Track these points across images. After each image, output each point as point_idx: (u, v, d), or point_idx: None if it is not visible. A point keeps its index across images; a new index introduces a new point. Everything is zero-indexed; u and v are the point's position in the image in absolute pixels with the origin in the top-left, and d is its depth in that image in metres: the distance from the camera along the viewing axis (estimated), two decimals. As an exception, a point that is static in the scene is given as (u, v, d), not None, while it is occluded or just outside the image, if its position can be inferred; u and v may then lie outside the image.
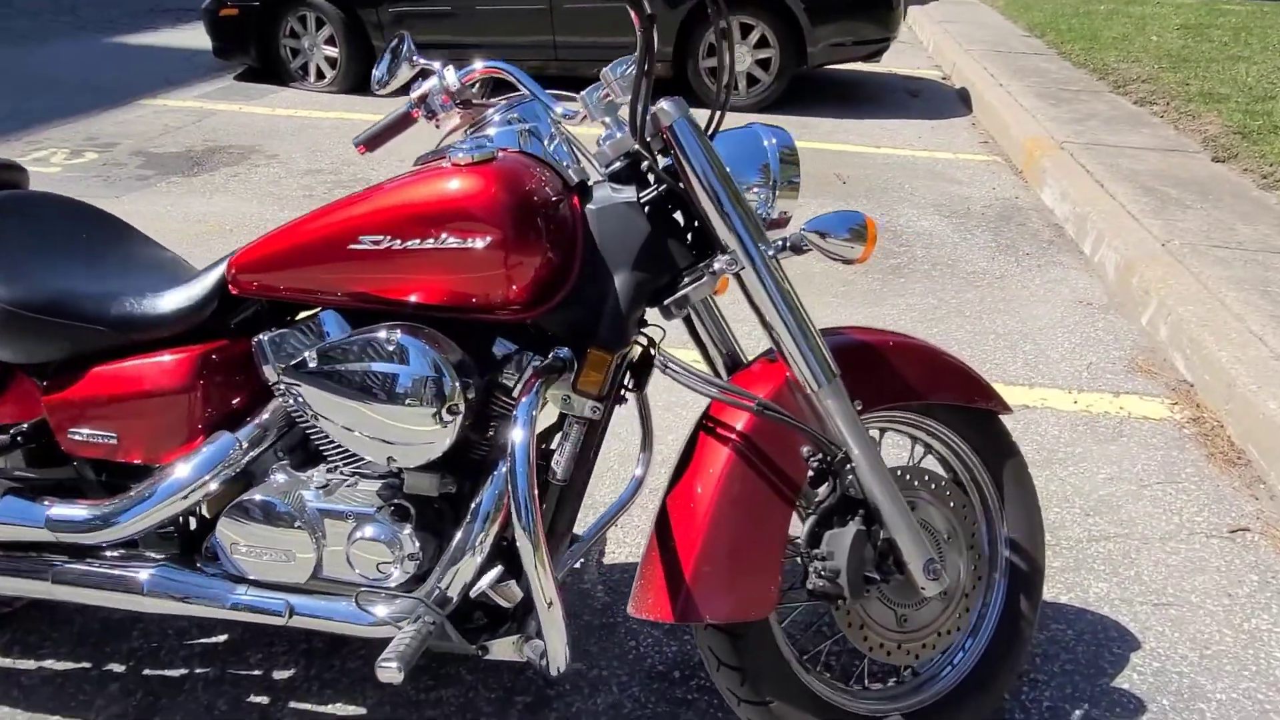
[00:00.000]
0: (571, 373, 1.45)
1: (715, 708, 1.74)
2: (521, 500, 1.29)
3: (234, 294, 1.52)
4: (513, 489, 1.30)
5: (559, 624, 1.35)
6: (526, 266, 1.38)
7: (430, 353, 1.38)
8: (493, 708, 1.73)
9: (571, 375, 1.45)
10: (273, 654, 1.84)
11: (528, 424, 1.32)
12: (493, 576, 1.42)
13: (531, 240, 1.37)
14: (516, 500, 1.30)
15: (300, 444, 1.61)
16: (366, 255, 1.40)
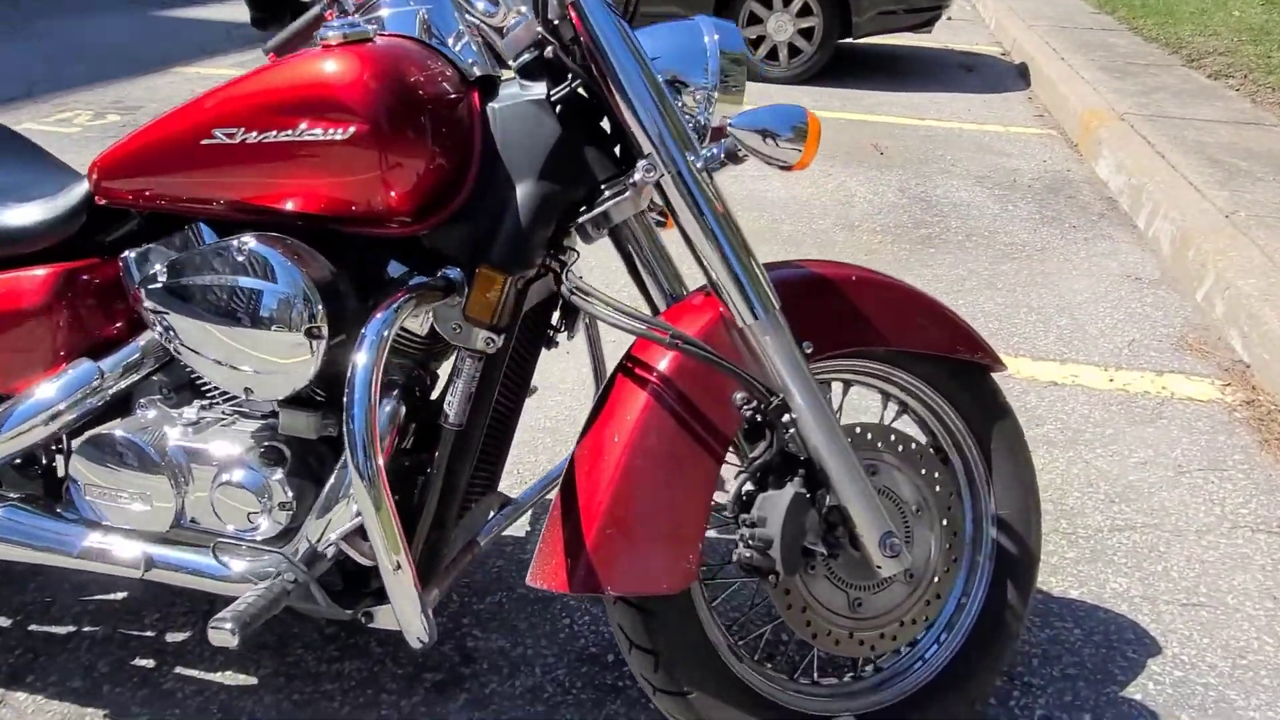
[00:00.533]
0: (462, 298, 1.24)
1: (647, 698, 1.51)
2: (357, 436, 1.09)
3: (100, 205, 1.34)
4: (347, 421, 1.09)
5: (409, 590, 1.14)
6: (406, 168, 1.17)
7: (288, 266, 1.19)
8: (397, 685, 1.53)
9: (462, 301, 1.24)
10: (170, 615, 1.67)
11: (374, 345, 1.11)
12: (346, 527, 1.21)
13: (410, 136, 1.16)
14: (351, 435, 1.09)
15: (188, 383, 1.44)
16: (221, 152, 1.20)
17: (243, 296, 1.19)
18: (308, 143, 1.16)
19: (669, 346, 1.20)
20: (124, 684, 1.52)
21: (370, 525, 1.11)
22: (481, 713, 1.48)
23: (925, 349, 1.37)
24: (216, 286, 1.20)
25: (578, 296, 1.24)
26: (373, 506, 1.10)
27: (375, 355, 1.10)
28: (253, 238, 1.20)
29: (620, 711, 1.49)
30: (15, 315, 1.36)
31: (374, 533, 1.11)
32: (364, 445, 1.09)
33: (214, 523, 1.33)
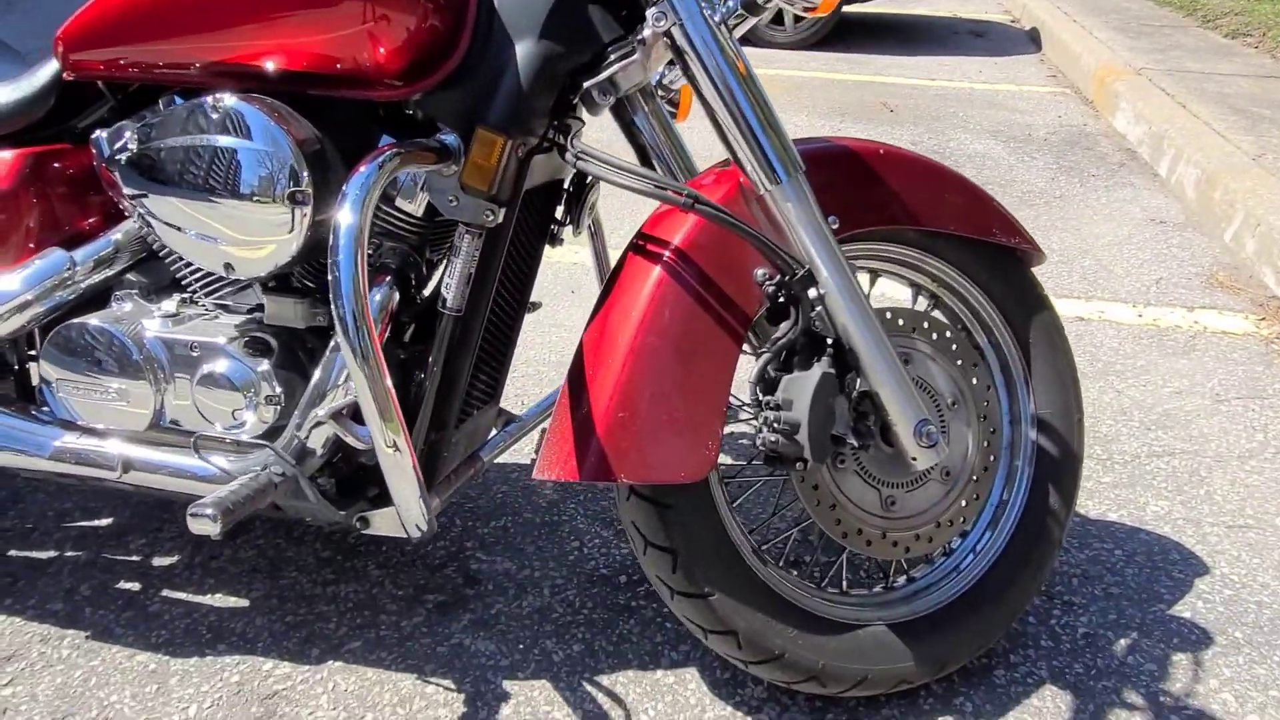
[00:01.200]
0: (459, 166, 1.14)
1: (663, 618, 1.42)
2: (345, 304, 0.99)
3: (68, 80, 1.24)
4: (334, 289, 0.99)
5: (407, 473, 1.04)
6: (395, 22, 1.08)
7: (269, 125, 1.09)
8: (397, 606, 1.44)
9: (459, 169, 1.14)
10: (158, 539, 1.58)
11: (358, 202, 1.00)
12: (338, 404, 1.12)
13: None
14: (339, 304, 0.99)
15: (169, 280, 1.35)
16: (200, 8, 1.11)
17: (220, 159, 1.10)
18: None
19: (685, 209, 1.10)
20: (107, 606, 1.43)
21: (364, 401, 1.02)
22: (486, 632, 1.39)
23: (960, 231, 1.27)
24: (191, 149, 1.11)
25: (584, 159, 1.15)
26: (365, 381, 1.00)
27: (360, 214, 1.00)
28: (230, 95, 1.11)
29: (634, 630, 1.40)
30: (-19, 202, 1.27)
31: (368, 410, 1.02)
32: (354, 315, 0.99)
33: (196, 421, 1.24)
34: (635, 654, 1.36)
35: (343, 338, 1.00)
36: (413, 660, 1.34)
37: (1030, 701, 1.29)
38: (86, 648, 1.35)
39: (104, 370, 1.23)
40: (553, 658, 1.35)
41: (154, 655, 1.34)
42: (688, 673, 1.33)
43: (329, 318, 1.22)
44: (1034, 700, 1.29)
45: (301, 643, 1.37)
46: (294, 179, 1.09)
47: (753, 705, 1.28)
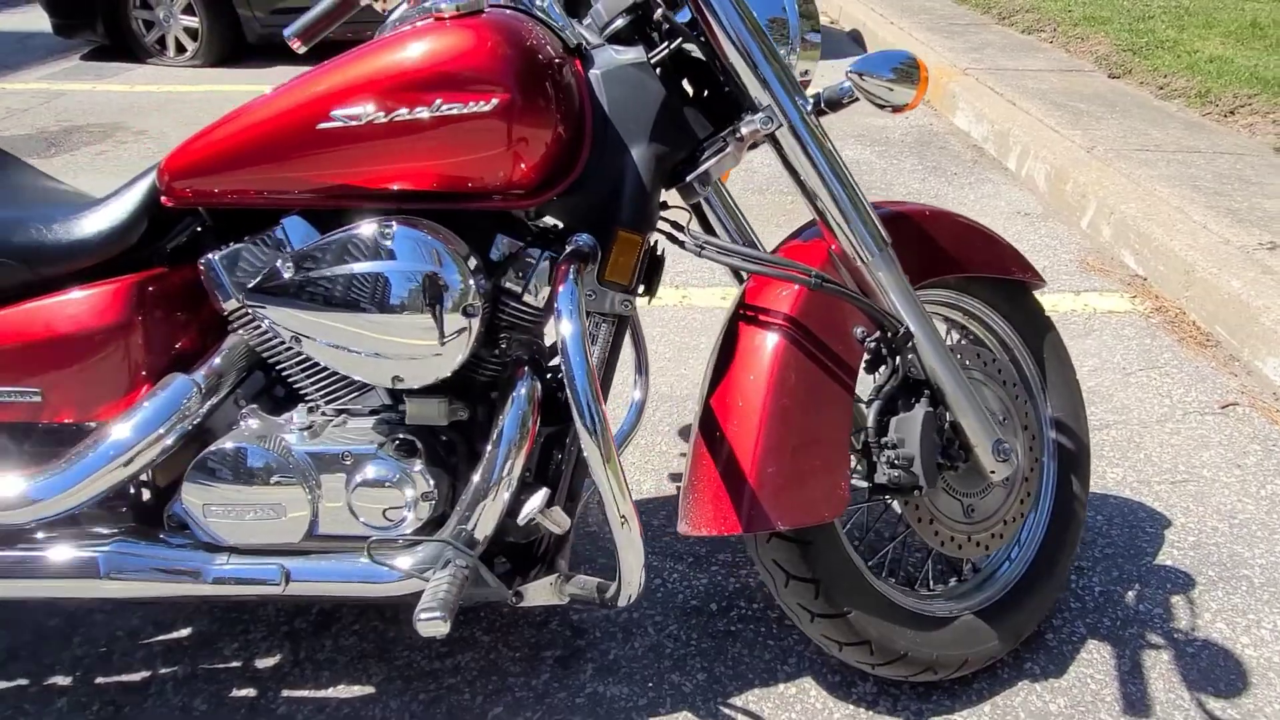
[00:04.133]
0: (594, 264, 1.25)
1: (763, 635, 1.59)
2: (584, 401, 1.10)
3: (168, 207, 1.26)
4: (571, 389, 1.10)
5: (636, 543, 1.16)
6: (536, 138, 1.18)
7: (436, 244, 1.17)
8: (520, 668, 1.53)
9: (594, 268, 1.25)
10: (250, 642, 1.58)
11: (575, 313, 1.12)
12: (540, 500, 1.21)
13: (541, 105, 1.17)
14: (578, 402, 1.10)
15: (264, 389, 1.37)
16: (340, 136, 1.16)
17: (391, 280, 1.16)
18: (446, 118, 1.14)
19: (813, 288, 1.26)
20: (231, 718, 1.44)
21: (600, 481, 1.11)
22: (613, 677, 1.51)
23: (988, 273, 1.50)
24: (361, 274, 1.17)
25: (708, 248, 1.29)
26: (602, 460, 1.10)
27: (578, 321, 1.11)
28: (392, 220, 1.17)
29: (743, 652, 1.56)
30: (94, 335, 1.25)
31: (605, 488, 1.12)
32: (591, 409, 1.09)
33: (350, 525, 1.29)
34: (753, 673, 1.52)
35: (586, 437, 1.10)
36: (559, 714, 1.44)
37: (1080, 656, 1.55)
38: (234, 761, 1.37)
39: (255, 489, 1.25)
40: (683, 690, 1.49)
41: (307, 756, 1.38)
42: (804, 681, 1.50)
43: (468, 412, 1.30)
44: (1082, 654, 1.56)
45: (446, 717, 1.44)
46: (466, 292, 1.17)
47: (869, 700, 1.47)
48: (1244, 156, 3.64)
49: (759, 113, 1.25)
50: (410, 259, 1.16)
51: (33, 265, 1.26)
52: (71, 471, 1.23)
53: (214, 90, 5.37)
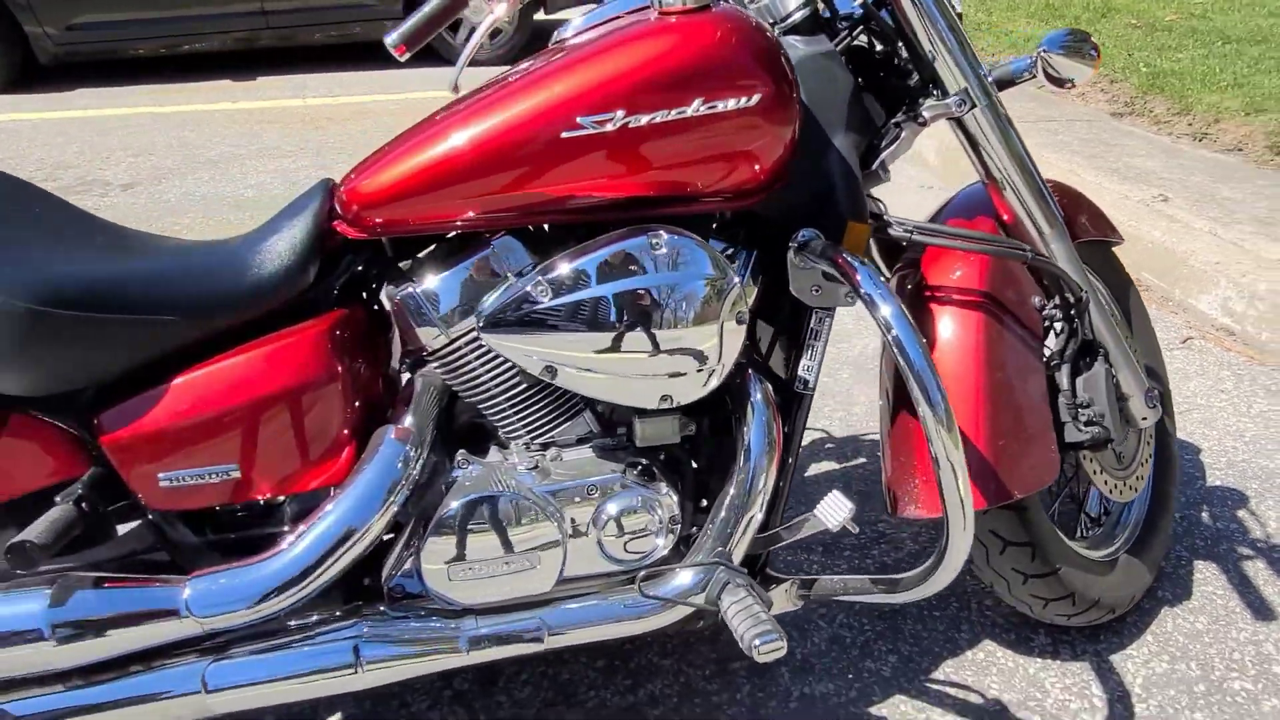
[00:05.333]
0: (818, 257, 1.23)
1: (926, 610, 1.62)
2: (927, 380, 1.06)
3: (351, 238, 1.12)
4: (911, 370, 1.07)
5: (970, 529, 1.13)
6: (786, 131, 1.15)
7: (707, 253, 1.11)
8: (716, 685, 1.48)
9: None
10: (417, 715, 1.43)
11: (887, 294, 1.09)
12: (834, 503, 1.17)
13: (791, 97, 1.13)
14: (921, 381, 1.06)
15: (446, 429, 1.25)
16: (587, 143, 1.07)
17: (669, 293, 1.09)
18: (705, 117, 1.08)
19: (1025, 262, 1.31)
20: (443, 798, 1.30)
21: (944, 462, 1.08)
22: (813, 676, 1.49)
23: (1093, 235, 1.61)
24: (634, 290, 1.08)
25: (923, 231, 1.30)
26: (948, 442, 1.07)
27: (896, 301, 1.08)
28: (660, 229, 1.10)
29: (917, 629, 1.58)
30: (289, 396, 1.10)
31: (947, 471, 1.09)
32: (932, 382, 1.06)
33: (598, 563, 1.19)
34: (938, 646, 1.55)
35: (936, 428, 1.07)
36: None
37: (1196, 577, 1.70)
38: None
39: (508, 541, 1.13)
40: (882, 675, 1.50)
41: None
42: (986, 644, 1.55)
43: (696, 425, 1.25)
44: (1197, 575, 1.71)
45: (672, 749, 1.37)
46: (737, 301, 1.11)
47: (1049, 650, 1.54)
48: (1093, 122, 4.07)
49: (949, 96, 1.27)
50: (686, 270, 1.09)
51: (203, 320, 1.08)
52: (302, 556, 1.05)
53: (10, 119, 4.72)
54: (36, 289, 0.98)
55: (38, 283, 0.99)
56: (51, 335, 0.99)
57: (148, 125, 4.66)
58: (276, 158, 4.14)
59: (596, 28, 1.20)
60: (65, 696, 1.03)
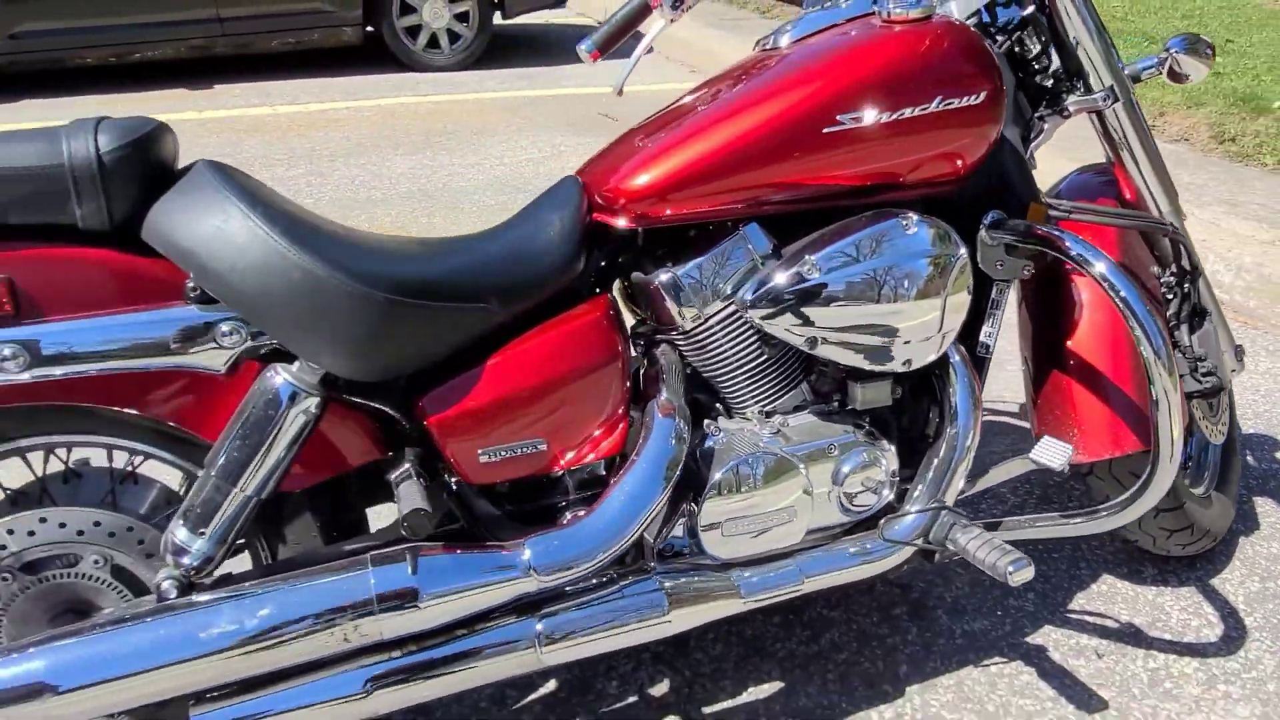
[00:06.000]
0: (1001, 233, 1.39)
1: (1042, 551, 1.81)
2: (1153, 332, 1.24)
3: (623, 229, 1.23)
4: (1137, 320, 1.24)
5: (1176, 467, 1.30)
6: (997, 123, 1.31)
7: (947, 231, 1.26)
8: (886, 629, 1.63)
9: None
10: (625, 676, 1.53)
11: (1099, 253, 1.27)
12: (1050, 445, 1.33)
13: (1003, 94, 1.30)
14: (1148, 332, 1.24)
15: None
16: (842, 138, 1.22)
17: (918, 268, 1.23)
18: (943, 113, 1.23)
19: (1166, 235, 1.50)
20: None
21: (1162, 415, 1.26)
22: (966, 615, 1.66)
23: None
24: (888, 267, 1.22)
25: (1078, 213, 1.47)
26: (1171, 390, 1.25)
27: (1109, 259, 1.25)
28: (907, 212, 1.24)
29: (1044, 570, 1.77)
30: (588, 372, 1.20)
31: (1164, 422, 1.26)
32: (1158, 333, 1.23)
33: (834, 516, 1.33)
34: (1066, 581, 1.74)
35: (1158, 368, 1.23)
36: (957, 655, 1.57)
37: (1258, 509, 1.94)
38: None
39: (768, 501, 1.25)
40: (1026, 610, 1.68)
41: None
42: (1106, 578, 1.75)
43: (903, 389, 1.39)
44: (1258, 507, 1.95)
45: (865, 686, 1.51)
46: (966, 273, 1.27)
47: (1160, 579, 1.75)
48: (1049, 117, 4.40)
49: (1095, 92, 1.46)
50: (931, 248, 1.24)
51: (507, 307, 1.17)
52: (617, 519, 1.15)
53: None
54: (388, 279, 1.06)
55: (388, 274, 1.06)
56: (399, 323, 1.07)
57: (116, 136, 4.52)
58: (268, 166, 4.09)
59: (813, 36, 1.33)
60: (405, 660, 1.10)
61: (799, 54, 1.27)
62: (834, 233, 1.24)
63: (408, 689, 1.10)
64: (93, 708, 1.01)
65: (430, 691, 1.11)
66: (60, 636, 1.01)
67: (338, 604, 1.04)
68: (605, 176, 1.25)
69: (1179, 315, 1.62)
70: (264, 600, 1.03)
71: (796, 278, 1.21)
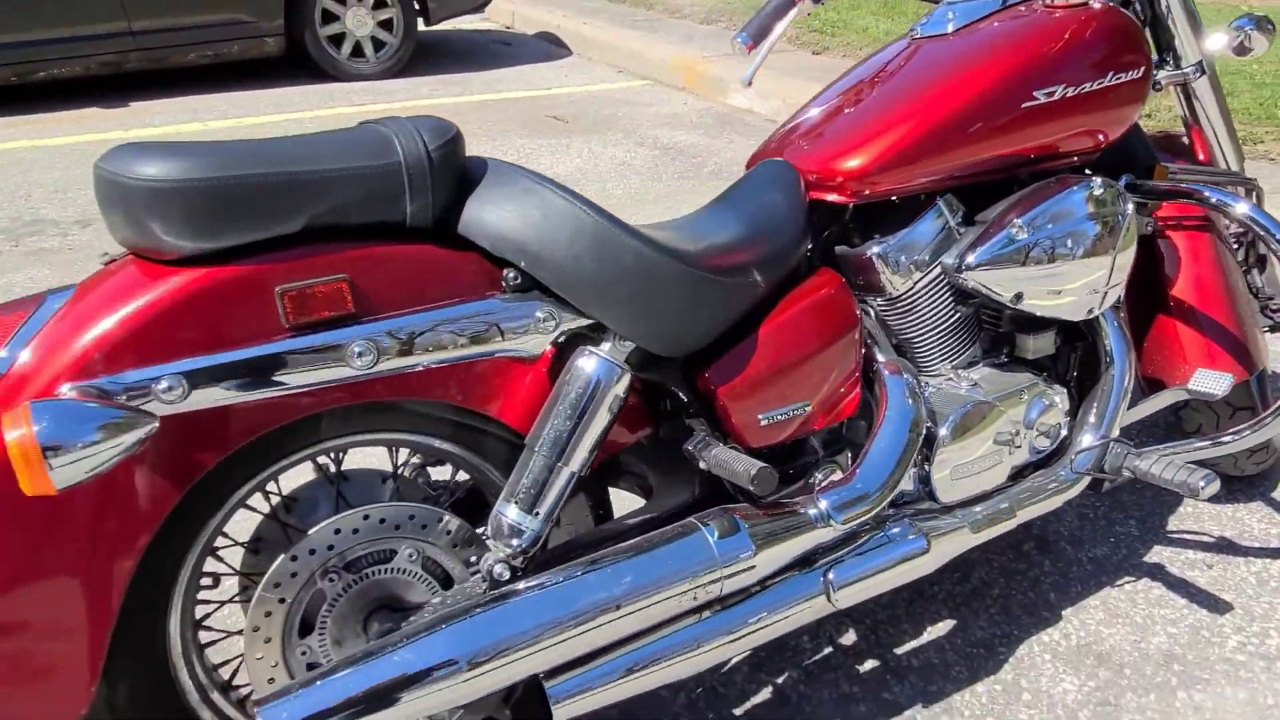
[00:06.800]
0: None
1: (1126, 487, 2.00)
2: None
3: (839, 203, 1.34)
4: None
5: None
6: (1146, 96, 1.47)
7: (1120, 192, 1.41)
8: (1022, 564, 1.78)
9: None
10: (815, 635, 1.62)
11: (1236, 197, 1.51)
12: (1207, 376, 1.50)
13: (1151, 69, 1.46)
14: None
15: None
16: (1038, 112, 1.37)
17: (1102, 230, 1.38)
18: (1113, 87, 1.39)
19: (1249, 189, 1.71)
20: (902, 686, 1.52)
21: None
22: (1086, 544, 1.83)
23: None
24: (1083, 229, 1.37)
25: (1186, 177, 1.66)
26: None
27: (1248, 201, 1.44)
28: (1095, 179, 1.39)
29: (1129, 500, 1.96)
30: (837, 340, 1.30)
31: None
32: None
33: (1027, 453, 1.46)
34: (1154, 507, 1.94)
35: None
36: (1092, 578, 1.73)
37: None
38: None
39: (984, 444, 1.38)
40: (1133, 534, 1.87)
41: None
42: (1187, 505, 1.96)
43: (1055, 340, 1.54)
44: (1281, 432, 2.21)
45: (1024, 612, 1.66)
46: (1131, 228, 1.43)
47: (1229, 499, 1.97)
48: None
49: (1185, 66, 1.65)
50: (1112, 209, 1.39)
51: (768, 280, 1.25)
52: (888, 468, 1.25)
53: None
54: (696, 258, 1.12)
55: (693, 253, 1.13)
56: (707, 298, 1.13)
57: (40, 159, 4.25)
58: (228, 182, 3.94)
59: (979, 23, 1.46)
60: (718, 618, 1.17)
61: (983, 38, 1.40)
62: (1029, 198, 1.38)
63: (726, 645, 1.16)
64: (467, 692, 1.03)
65: (744, 645, 1.18)
66: (425, 628, 1.02)
67: (686, 566, 1.10)
68: (816, 157, 1.35)
69: (1246, 260, 1.84)
70: (618, 571, 1.08)
71: (1007, 239, 1.34)
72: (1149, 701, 1.50)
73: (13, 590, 0.91)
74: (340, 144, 1.00)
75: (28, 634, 0.92)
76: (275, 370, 0.97)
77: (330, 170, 0.98)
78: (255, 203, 0.95)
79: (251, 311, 0.97)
